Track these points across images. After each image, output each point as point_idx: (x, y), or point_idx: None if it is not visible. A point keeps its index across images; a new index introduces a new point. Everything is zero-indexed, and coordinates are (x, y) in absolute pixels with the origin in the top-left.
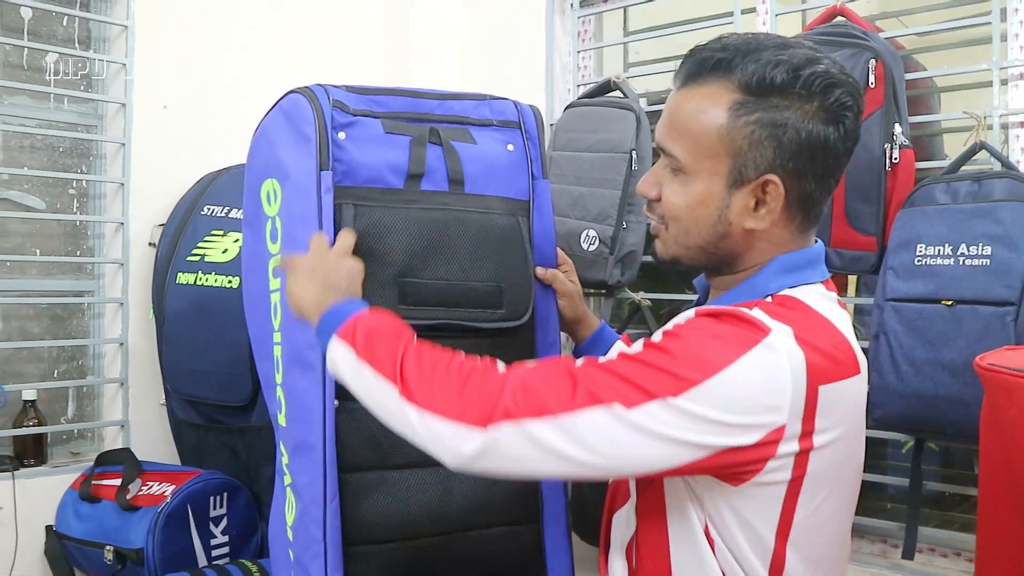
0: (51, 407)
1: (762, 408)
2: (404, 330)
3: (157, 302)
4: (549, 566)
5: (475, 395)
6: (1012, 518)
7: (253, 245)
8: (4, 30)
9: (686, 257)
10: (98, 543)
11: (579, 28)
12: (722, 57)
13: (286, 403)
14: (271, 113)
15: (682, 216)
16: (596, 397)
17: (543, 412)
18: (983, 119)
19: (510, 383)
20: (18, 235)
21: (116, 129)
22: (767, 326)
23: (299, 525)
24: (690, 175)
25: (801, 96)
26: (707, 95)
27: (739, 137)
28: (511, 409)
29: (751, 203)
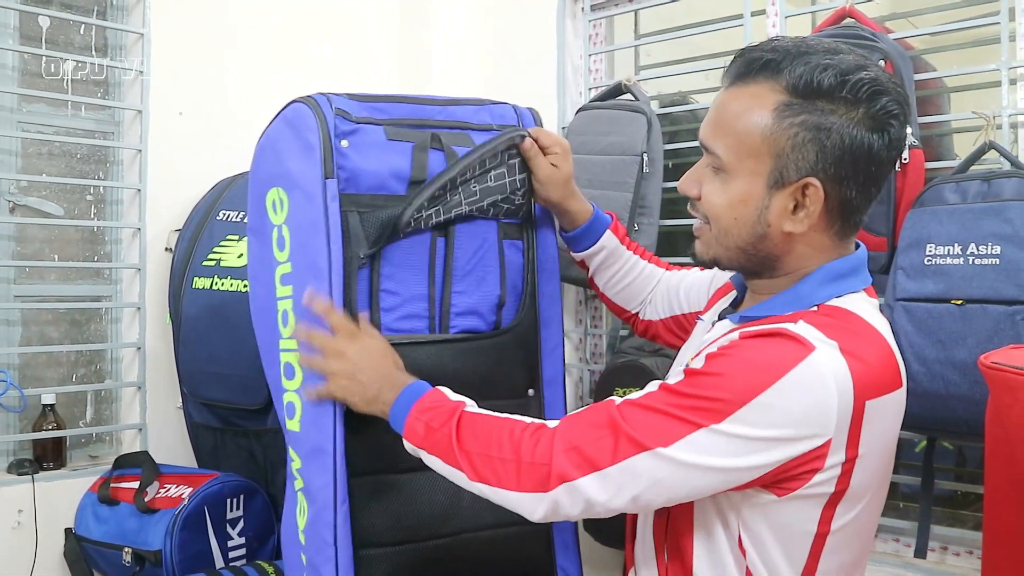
0: (70, 411)
1: (806, 424)
2: (452, 410)
3: (174, 306)
4: (559, 565)
5: (531, 464)
6: (1017, 515)
7: (259, 252)
8: (23, 38)
9: (725, 258)
10: (116, 545)
11: (590, 31)
12: (771, 58)
13: (300, 409)
14: (274, 123)
15: (722, 215)
16: (638, 443)
17: (591, 468)
18: (992, 119)
19: (558, 443)
20: (37, 241)
21: (133, 136)
22: (811, 343)
23: (311, 529)
24: (731, 174)
25: (847, 101)
26: (754, 95)
27: (783, 138)
28: (565, 472)
29: (790, 205)
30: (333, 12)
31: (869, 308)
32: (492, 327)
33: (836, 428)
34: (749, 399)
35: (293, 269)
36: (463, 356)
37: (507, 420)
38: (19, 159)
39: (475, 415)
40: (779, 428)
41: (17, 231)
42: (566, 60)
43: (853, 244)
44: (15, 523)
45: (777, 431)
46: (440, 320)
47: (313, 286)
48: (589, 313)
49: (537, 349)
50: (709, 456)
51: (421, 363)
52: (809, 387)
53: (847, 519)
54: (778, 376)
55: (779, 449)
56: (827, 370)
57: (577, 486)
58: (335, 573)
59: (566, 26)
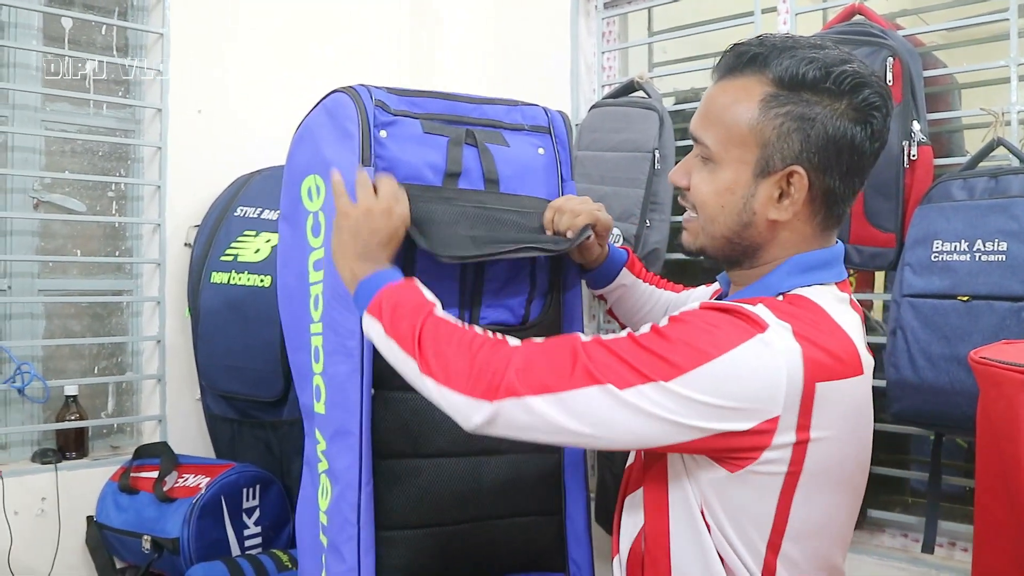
0: (92, 402)
1: (753, 397)
2: (424, 304)
3: (192, 301)
4: (571, 556)
5: (483, 370)
6: (1004, 508)
7: (291, 239)
8: (46, 39)
9: (711, 247)
10: (136, 533)
11: (604, 29)
12: (759, 52)
13: (326, 390)
14: (314, 111)
15: (709, 203)
16: (592, 376)
17: (543, 389)
18: (1001, 115)
19: (515, 359)
20: (60, 236)
21: (153, 133)
22: (764, 322)
23: (334, 509)
24: (719, 164)
25: (831, 93)
26: (741, 87)
27: (768, 128)
28: (514, 385)
29: (775, 194)
30: (346, 12)
31: (833, 301)
32: (521, 320)
33: (784, 406)
34: (697, 365)
35: (327, 254)
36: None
37: (471, 328)
38: (43, 157)
39: (444, 316)
40: (724, 398)
41: (41, 227)
42: (579, 57)
43: (833, 239)
44: (39, 511)
45: (722, 400)
46: (471, 310)
47: None
48: (603, 308)
49: None
50: (654, 407)
51: None
52: (757, 363)
53: (810, 508)
54: (727, 348)
55: (723, 418)
56: (777, 349)
57: (524, 402)
58: (356, 552)
59: (579, 24)
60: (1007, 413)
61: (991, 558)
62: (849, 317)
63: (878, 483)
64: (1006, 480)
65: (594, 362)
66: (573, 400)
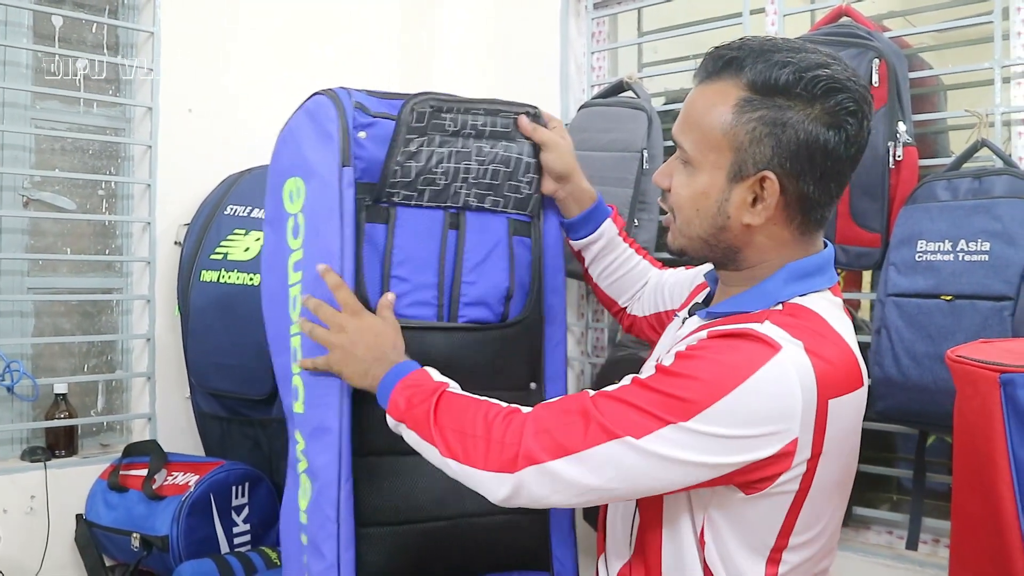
0: (82, 400)
1: (774, 422)
2: (434, 388)
3: (182, 299)
4: (555, 554)
5: (500, 443)
6: (979, 503)
7: (274, 242)
8: (36, 37)
9: (690, 248)
10: (125, 531)
11: (593, 29)
12: (735, 56)
13: (304, 390)
14: (296, 114)
15: (685, 206)
16: (608, 431)
17: (561, 452)
18: (985, 117)
19: (529, 426)
20: (50, 235)
21: (143, 132)
22: (777, 343)
23: (313, 506)
24: (696, 167)
25: (803, 98)
26: (718, 91)
27: (741, 133)
28: (532, 452)
29: (749, 198)
30: (337, 11)
31: (831, 308)
32: (500, 318)
33: (801, 426)
34: (717, 399)
35: (305, 255)
36: (470, 345)
37: (484, 402)
38: (33, 155)
39: (454, 395)
40: (746, 427)
41: (31, 225)
42: (569, 57)
43: (820, 242)
44: (28, 508)
45: (744, 430)
46: (449, 308)
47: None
48: (591, 307)
49: (541, 344)
50: (677, 450)
51: (428, 349)
52: (776, 387)
53: (810, 516)
54: (745, 376)
55: (746, 448)
56: (792, 369)
57: (545, 468)
58: (336, 549)
59: (569, 24)
60: (981, 410)
61: (968, 553)
62: (846, 325)
63: (864, 481)
64: (981, 476)
65: (607, 416)
66: (592, 458)
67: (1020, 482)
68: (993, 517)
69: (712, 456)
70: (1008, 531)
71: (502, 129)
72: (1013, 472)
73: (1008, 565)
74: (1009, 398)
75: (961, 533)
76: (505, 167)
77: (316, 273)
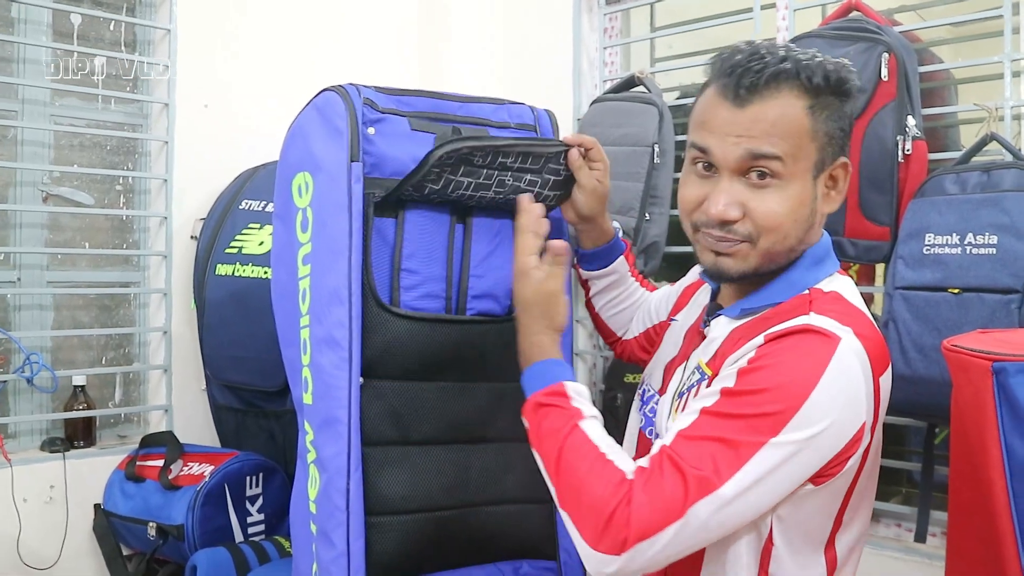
0: (100, 392)
1: (849, 410)
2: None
3: (198, 292)
4: (562, 544)
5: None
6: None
7: (284, 236)
8: (55, 35)
9: (765, 265)
10: (142, 520)
11: (606, 25)
12: (781, 68)
13: (313, 381)
14: (305, 110)
15: (784, 223)
16: (705, 486)
17: (668, 521)
18: (995, 111)
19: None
20: (69, 229)
21: (160, 128)
22: (835, 334)
23: (323, 496)
24: (786, 180)
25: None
26: (781, 104)
27: (820, 132)
28: (640, 531)
29: (826, 189)
30: (352, 8)
31: (849, 289)
32: (507, 311)
33: (867, 409)
34: (799, 405)
35: (313, 248)
36: (478, 337)
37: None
38: (52, 151)
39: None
40: (829, 424)
41: (50, 220)
42: (582, 53)
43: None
44: (47, 498)
45: (827, 426)
46: (457, 301)
47: (333, 263)
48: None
49: None
50: (777, 467)
51: (437, 341)
52: (846, 377)
53: (859, 496)
54: (819, 375)
55: (832, 440)
56: (855, 357)
57: (657, 539)
58: (346, 538)
59: (582, 20)
60: (974, 399)
61: (963, 539)
62: (862, 302)
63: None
64: (974, 464)
65: (700, 466)
66: (697, 517)
67: (1012, 470)
68: (986, 504)
69: (809, 458)
70: (999, 518)
71: (531, 165)
72: (1005, 460)
73: (1000, 551)
74: (1001, 386)
75: (956, 520)
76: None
77: (324, 266)
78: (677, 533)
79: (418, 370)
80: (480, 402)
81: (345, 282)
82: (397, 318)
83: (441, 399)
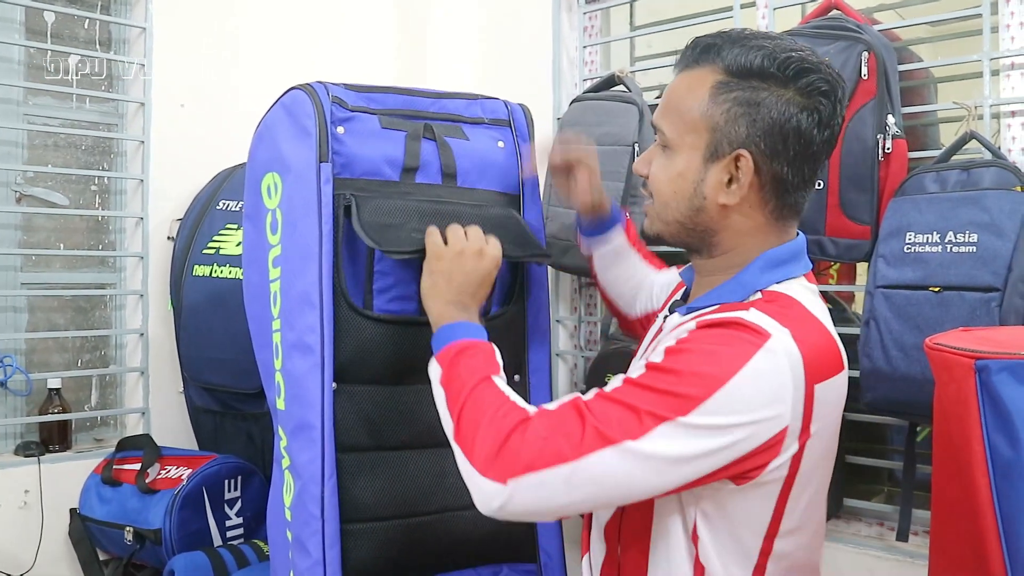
0: (75, 395)
1: (767, 409)
2: (482, 371)
3: (175, 294)
4: (542, 546)
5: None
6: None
7: (254, 238)
8: (28, 33)
9: (667, 233)
10: (119, 524)
11: (585, 23)
12: (712, 43)
13: (285, 386)
14: (273, 109)
15: (663, 190)
16: (605, 437)
17: (556, 461)
18: (974, 109)
19: (530, 435)
20: (44, 230)
21: (135, 128)
22: (766, 331)
23: (297, 503)
24: (674, 150)
25: (778, 80)
26: (696, 77)
27: (717, 113)
28: (530, 462)
29: (724, 178)
30: (330, 7)
31: (808, 295)
32: (484, 313)
33: (792, 413)
34: (713, 391)
35: (283, 251)
36: None
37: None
38: (25, 151)
39: (498, 386)
40: (743, 415)
41: (24, 220)
42: (561, 52)
43: (794, 230)
44: (22, 503)
45: (740, 418)
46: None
47: (303, 266)
48: (584, 301)
49: (524, 336)
50: (674, 447)
51: (415, 342)
52: (768, 375)
53: (799, 504)
54: (739, 366)
55: (743, 437)
56: (783, 356)
57: (543, 476)
58: (321, 546)
59: (562, 18)
60: (957, 397)
61: (946, 538)
62: (823, 311)
63: (856, 473)
64: (958, 462)
65: (602, 421)
66: (590, 468)
67: (995, 468)
68: (969, 502)
69: (711, 449)
70: (983, 516)
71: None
72: (988, 458)
73: (983, 549)
74: (984, 384)
75: (940, 519)
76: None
77: (294, 270)
78: (566, 480)
79: (392, 374)
80: None
81: (316, 286)
82: (370, 321)
83: (416, 403)
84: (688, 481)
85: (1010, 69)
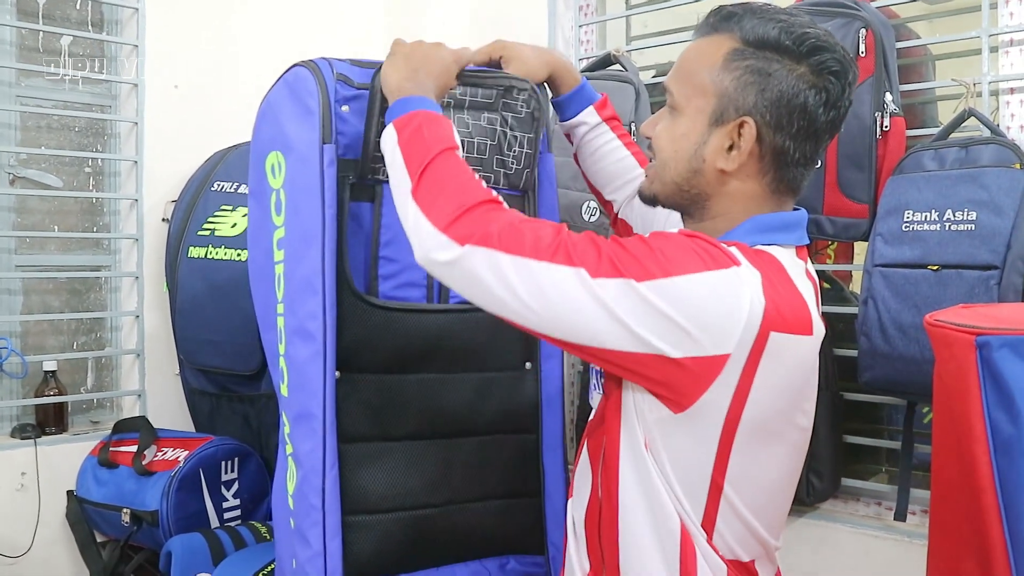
0: (71, 377)
1: (712, 325)
2: (448, 140)
3: (170, 275)
4: (550, 538)
5: (469, 216)
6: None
7: (259, 217)
8: (20, 14)
9: (663, 194)
10: (116, 506)
11: (581, 2)
12: (733, 12)
13: (288, 373)
14: (276, 86)
15: (664, 148)
16: (570, 258)
17: (518, 251)
18: (972, 86)
19: (503, 218)
20: (38, 212)
21: (129, 109)
22: (740, 260)
23: (299, 493)
24: (681, 112)
25: (792, 54)
26: (712, 43)
27: (728, 80)
28: (492, 238)
29: (726, 144)
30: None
31: (793, 264)
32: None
33: (737, 346)
34: (671, 275)
35: (287, 233)
36: (462, 326)
37: (479, 182)
38: (18, 132)
39: (462, 159)
40: (684, 316)
41: (18, 203)
42: (557, 31)
43: (789, 207)
44: (19, 485)
45: (681, 317)
46: (439, 290)
47: (306, 250)
48: None
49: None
50: (615, 304)
51: (421, 330)
52: (726, 292)
53: (749, 458)
54: (703, 268)
55: (674, 337)
56: (746, 287)
57: (495, 256)
58: (322, 538)
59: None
60: (957, 373)
61: (946, 516)
62: (804, 283)
63: (854, 452)
64: (958, 439)
65: (575, 248)
66: (541, 272)
67: (996, 445)
68: (969, 480)
69: (639, 325)
70: (984, 493)
71: (483, 100)
72: (989, 435)
73: (984, 528)
74: (985, 361)
75: (939, 497)
76: (491, 140)
77: (297, 254)
78: (518, 271)
79: (397, 362)
80: (463, 394)
81: (318, 272)
82: (374, 309)
83: (422, 392)
84: (611, 345)
85: (1009, 46)
